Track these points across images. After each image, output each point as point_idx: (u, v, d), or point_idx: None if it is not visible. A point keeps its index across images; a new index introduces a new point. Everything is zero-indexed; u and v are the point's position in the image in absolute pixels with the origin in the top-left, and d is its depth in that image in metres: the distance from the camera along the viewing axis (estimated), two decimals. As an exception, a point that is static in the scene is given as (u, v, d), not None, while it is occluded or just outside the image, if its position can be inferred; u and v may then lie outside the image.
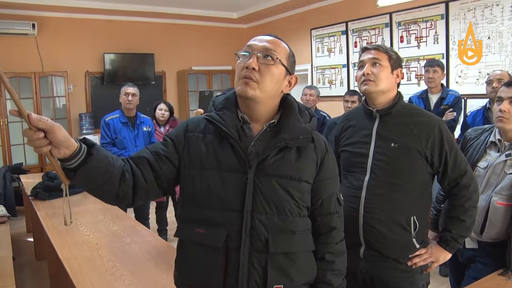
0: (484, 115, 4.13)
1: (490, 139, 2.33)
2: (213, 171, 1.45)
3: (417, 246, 2.05)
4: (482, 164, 2.31)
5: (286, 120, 1.51)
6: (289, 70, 1.52)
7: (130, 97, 4.74)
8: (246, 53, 1.48)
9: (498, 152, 2.28)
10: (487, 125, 2.51)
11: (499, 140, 2.28)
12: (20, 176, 6.01)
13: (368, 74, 2.03)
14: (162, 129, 5.38)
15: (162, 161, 1.48)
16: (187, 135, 1.53)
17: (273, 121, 1.52)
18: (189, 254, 1.50)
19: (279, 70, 1.48)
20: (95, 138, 7.38)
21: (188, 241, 1.50)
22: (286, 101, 1.57)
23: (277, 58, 1.46)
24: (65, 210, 1.37)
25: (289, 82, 1.55)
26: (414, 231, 2.02)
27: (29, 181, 5.03)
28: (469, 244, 2.31)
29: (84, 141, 1.31)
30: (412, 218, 2.01)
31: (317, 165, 1.53)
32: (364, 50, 2.10)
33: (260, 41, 1.49)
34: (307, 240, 1.52)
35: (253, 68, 1.42)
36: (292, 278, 1.45)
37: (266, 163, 1.44)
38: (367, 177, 2.04)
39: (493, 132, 2.34)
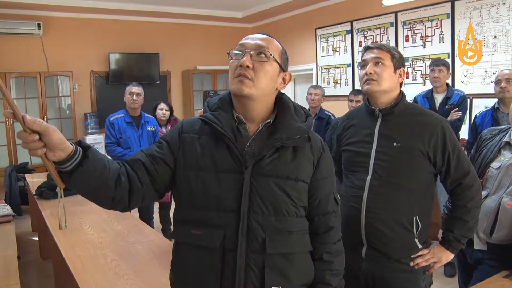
0: (493, 115, 4.09)
1: (505, 139, 2.30)
2: (209, 172, 1.43)
3: (420, 246, 2.04)
4: (495, 164, 2.29)
5: (281, 120, 1.50)
6: (283, 67, 1.52)
7: (134, 97, 4.74)
8: (239, 52, 1.47)
9: None
10: (504, 126, 2.48)
11: None
12: (26, 175, 6.03)
13: (370, 73, 2.02)
14: (163, 129, 5.37)
15: (157, 164, 1.47)
16: (182, 136, 1.52)
17: (268, 120, 1.51)
18: (185, 256, 1.48)
19: (273, 67, 1.47)
20: (100, 138, 7.45)
21: (184, 243, 1.49)
22: (281, 100, 1.56)
23: (270, 54, 1.46)
24: (60, 214, 1.36)
25: (283, 79, 1.54)
26: (416, 231, 2.01)
27: (34, 181, 5.05)
28: (478, 245, 2.29)
29: (80, 143, 1.30)
30: (414, 218, 2.00)
31: (314, 165, 1.52)
32: (366, 49, 2.09)
33: (253, 39, 1.48)
34: (304, 241, 1.50)
35: (247, 66, 1.42)
36: (290, 279, 1.44)
37: (262, 163, 1.43)
38: (369, 177, 2.03)
39: (508, 133, 2.32)
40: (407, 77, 6.21)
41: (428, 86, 5.02)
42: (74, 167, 1.26)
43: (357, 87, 6.89)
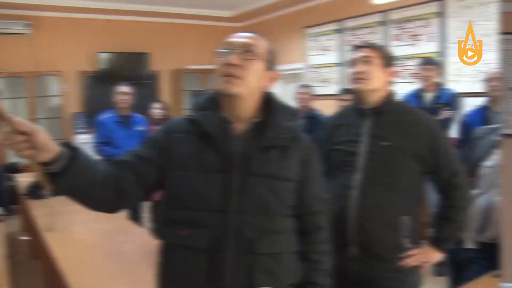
0: (484, 114, 4.11)
1: (497, 138, 2.32)
2: (196, 172, 1.42)
3: (409, 246, 2.03)
4: (487, 163, 2.30)
5: (269, 119, 1.49)
6: (270, 66, 1.51)
7: (124, 96, 4.73)
8: (226, 50, 1.46)
9: None
10: (496, 125, 2.49)
11: None
12: (15, 175, 5.98)
13: (359, 72, 2.02)
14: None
15: (144, 164, 1.46)
16: (169, 136, 1.51)
17: (256, 119, 1.50)
18: (172, 256, 1.47)
19: (260, 65, 1.47)
20: (89, 138, 7.40)
21: (171, 244, 1.48)
22: (269, 99, 1.55)
23: (258, 53, 1.46)
24: (48, 216, 1.35)
25: (271, 78, 1.53)
26: (405, 231, 2.00)
27: (24, 180, 5.00)
28: (469, 244, 2.30)
29: (67, 144, 1.30)
30: (403, 217, 2.00)
31: (302, 164, 1.51)
32: (356, 48, 2.09)
33: (240, 37, 1.48)
34: (292, 240, 1.50)
35: (235, 64, 1.41)
36: (278, 279, 1.43)
37: (250, 163, 1.42)
38: (358, 176, 2.03)
39: None
40: (397, 76, 6.21)
41: (418, 85, 5.03)
42: (61, 168, 1.25)
43: (346, 86, 6.89)
